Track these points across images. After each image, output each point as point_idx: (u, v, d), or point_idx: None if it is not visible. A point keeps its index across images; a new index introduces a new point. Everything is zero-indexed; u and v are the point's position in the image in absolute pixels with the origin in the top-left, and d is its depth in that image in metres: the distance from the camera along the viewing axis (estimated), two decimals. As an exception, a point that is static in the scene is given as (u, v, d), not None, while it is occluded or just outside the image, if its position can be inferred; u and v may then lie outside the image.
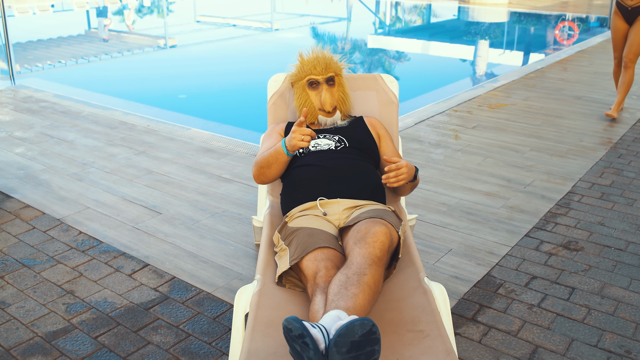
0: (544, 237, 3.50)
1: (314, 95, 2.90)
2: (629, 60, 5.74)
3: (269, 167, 2.62)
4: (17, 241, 3.42)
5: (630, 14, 5.65)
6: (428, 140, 5.14)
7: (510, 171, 4.48)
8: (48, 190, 4.09)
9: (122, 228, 3.58)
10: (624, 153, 4.88)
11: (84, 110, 6.02)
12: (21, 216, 3.73)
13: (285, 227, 2.49)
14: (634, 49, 5.68)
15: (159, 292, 2.94)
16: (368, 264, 2.01)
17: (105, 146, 4.95)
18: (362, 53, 11.40)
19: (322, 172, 2.62)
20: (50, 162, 4.59)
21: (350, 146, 2.77)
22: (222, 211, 3.80)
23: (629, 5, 5.62)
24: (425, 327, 2.02)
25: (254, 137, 5.24)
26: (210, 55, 11.27)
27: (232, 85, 8.68)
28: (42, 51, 11.08)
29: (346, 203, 2.52)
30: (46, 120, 5.67)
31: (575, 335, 2.64)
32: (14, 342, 2.57)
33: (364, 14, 17.72)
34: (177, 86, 8.40)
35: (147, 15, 17.45)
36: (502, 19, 15.51)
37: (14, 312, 2.78)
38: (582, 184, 4.26)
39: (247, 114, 6.94)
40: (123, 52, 11.27)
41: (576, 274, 3.13)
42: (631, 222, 3.70)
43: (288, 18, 16.89)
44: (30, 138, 5.15)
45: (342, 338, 1.56)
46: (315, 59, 2.92)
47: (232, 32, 14.47)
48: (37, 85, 7.25)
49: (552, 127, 5.53)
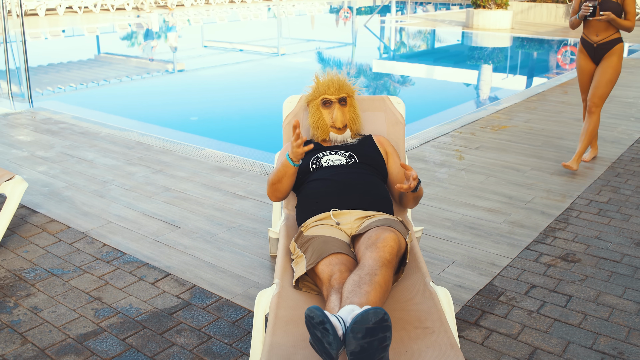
0: (543, 250, 3.69)
1: (326, 114, 3.13)
2: (593, 105, 5.05)
3: (280, 182, 2.84)
4: (45, 252, 3.62)
5: (597, 52, 5.02)
6: (433, 160, 5.35)
7: (511, 189, 4.68)
8: (72, 206, 4.31)
9: (143, 241, 3.78)
10: (621, 172, 5.08)
11: (101, 131, 6.27)
12: (47, 230, 3.94)
13: (301, 236, 2.70)
14: (599, 92, 5.01)
15: (180, 298, 3.14)
16: (379, 266, 2.21)
17: (123, 165, 5.18)
18: (367, 77, 11.66)
19: (335, 185, 2.84)
20: (72, 180, 4.81)
21: (360, 162, 2.99)
22: (237, 225, 4.00)
23: (595, 41, 4.99)
24: (431, 325, 2.21)
25: (265, 156, 5.46)
26: (218, 79, 11.55)
27: (241, 108, 8.93)
28: (56, 75, 11.39)
29: (357, 214, 2.73)
30: (66, 140, 5.91)
31: (572, 339, 2.82)
32: (48, 343, 2.76)
33: (369, 39, 18.04)
34: (187, 109, 8.66)
35: (155, 40, 17.81)
36: (505, 44, 15.80)
37: (46, 316, 2.97)
38: (580, 201, 4.45)
39: (257, 135, 7.17)
40: (132, 76, 11.56)
41: (573, 283, 3.31)
42: (626, 236, 3.89)
43: (294, 43, 17.21)
44: (51, 157, 5.38)
45: (357, 325, 1.76)
46: (330, 80, 3.16)
47: (239, 57, 14.78)
48: (54, 107, 7.51)
49: (552, 147, 5.74)
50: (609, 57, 4.98)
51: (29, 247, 3.70)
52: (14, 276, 3.35)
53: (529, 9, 19.88)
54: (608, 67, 4.97)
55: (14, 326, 2.88)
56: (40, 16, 21.70)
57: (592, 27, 4.98)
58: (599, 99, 5.01)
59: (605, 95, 5.02)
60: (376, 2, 31.22)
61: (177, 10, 25.19)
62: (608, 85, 4.99)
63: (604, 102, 5.18)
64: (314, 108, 3.20)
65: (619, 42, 4.97)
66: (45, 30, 18.45)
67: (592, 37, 4.99)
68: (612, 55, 4.97)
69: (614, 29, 4.92)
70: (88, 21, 21.06)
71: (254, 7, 27.74)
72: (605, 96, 5.03)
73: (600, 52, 5.00)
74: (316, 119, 3.16)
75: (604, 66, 4.98)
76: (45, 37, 17.48)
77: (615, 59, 4.97)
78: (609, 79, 4.98)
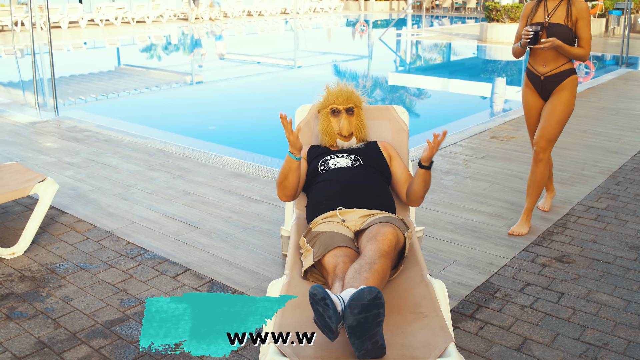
0: (540, 252, 3.91)
1: (334, 122, 3.39)
2: (540, 149, 4.15)
3: (286, 178, 3.12)
4: (74, 249, 3.91)
5: (544, 85, 4.15)
6: (440, 169, 5.59)
7: (514, 196, 4.90)
8: (97, 208, 4.59)
9: (164, 239, 4.05)
10: (622, 181, 5.28)
11: (124, 139, 6.58)
12: (75, 229, 4.22)
13: (309, 232, 2.95)
14: (547, 134, 4.11)
15: (199, 291, 3.39)
16: (377, 256, 2.46)
17: (145, 170, 5.47)
18: (382, 90, 11.92)
19: (341, 186, 3.09)
20: (97, 184, 5.11)
21: (364, 164, 3.24)
22: (252, 226, 4.27)
23: (542, 73, 4.12)
24: (425, 310, 2.45)
25: (279, 163, 5.73)
26: (236, 90, 11.86)
27: (257, 118, 9.23)
28: (78, 85, 11.77)
29: (361, 212, 2.98)
30: (91, 147, 6.23)
31: (561, 331, 3.04)
32: (78, 327, 3.03)
33: (384, 52, 18.32)
34: (206, 119, 8.97)
35: (173, 52, 18.22)
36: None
37: (77, 304, 3.25)
38: (579, 207, 4.67)
39: (272, 143, 7.45)
40: (151, 88, 11.91)
41: (566, 282, 3.53)
42: (621, 240, 4.10)
43: (311, 56, 17.53)
44: (77, 163, 5.69)
45: (354, 301, 2.01)
46: (339, 91, 3.42)
47: (256, 69, 15.12)
48: (78, 116, 7.85)
49: (556, 157, 5.95)
50: (559, 92, 4.11)
51: (59, 244, 3.98)
52: (46, 269, 3.63)
53: (543, 22, 20.05)
54: (558, 104, 4.10)
55: (48, 313, 3.15)
56: (63, 29, 22.25)
57: (538, 56, 4.13)
58: (547, 143, 4.13)
59: (554, 137, 4.13)
60: (392, 15, 31.54)
61: (196, 24, 25.67)
62: (558, 126, 4.12)
63: (553, 146, 4.34)
64: (323, 116, 3.46)
65: (571, 74, 4.11)
66: (68, 42, 18.93)
67: (539, 68, 4.13)
68: (563, 89, 4.10)
69: (565, 59, 4.07)
70: (109, 33, 21.56)
71: (271, 20, 28.16)
72: (554, 139, 4.14)
73: (548, 85, 4.14)
74: (325, 126, 3.43)
75: (554, 103, 4.11)
76: (67, 49, 17.94)
77: (567, 94, 4.10)
78: (559, 118, 4.11)
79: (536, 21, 4.08)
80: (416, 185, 3.15)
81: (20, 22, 21.19)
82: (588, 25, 4.01)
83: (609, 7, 19.47)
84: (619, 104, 8.63)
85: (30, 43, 8.39)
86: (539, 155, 4.16)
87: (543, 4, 4.11)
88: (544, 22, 4.05)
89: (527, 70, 4.25)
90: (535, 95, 4.25)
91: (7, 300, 3.28)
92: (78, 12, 23.26)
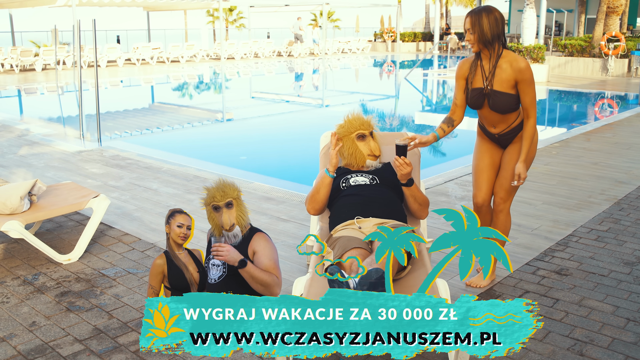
0: (541, 265, 4.30)
1: (362, 145, 3.83)
2: (500, 200, 3.94)
3: (318, 192, 3.58)
4: (122, 257, 4.40)
5: (500, 141, 3.91)
6: (454, 195, 6.01)
7: (521, 219, 5.30)
8: (141, 224, 5.10)
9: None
10: (625, 207, 5.65)
11: (163, 166, 7.13)
12: (122, 241, 4.72)
13: (330, 237, 3.40)
14: (507, 183, 3.88)
15: (233, 292, 3.84)
16: (387, 252, 2.90)
17: (183, 194, 5.99)
18: (408, 128, 12.38)
19: (360, 199, 3.55)
20: (140, 204, 5.63)
21: (380, 183, 3.70)
22: (281, 242, 4.72)
23: (494, 133, 3.86)
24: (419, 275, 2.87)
25: (305, 189, 6.20)
26: (264, 127, 12.42)
27: (285, 149, 9.76)
28: (117, 121, 12.46)
29: (376, 221, 3.43)
30: (133, 173, 6.78)
31: (552, 329, 3.43)
32: (129, 318, 3.50)
33: (410, 92, 18.82)
34: (238, 150, 9.52)
35: (204, 91, 18.96)
36: (541, 96, 16.41)
37: (127, 301, 3.72)
38: (582, 229, 5.05)
39: (299, 171, 7.95)
40: (183, 125, 12.53)
41: (562, 290, 3.92)
42: (618, 257, 4.47)
43: (338, 95, 18.08)
44: (121, 186, 6.23)
45: (363, 280, 2.45)
46: (359, 118, 3.89)
47: (285, 107, 15.72)
48: (120, 146, 8.45)
49: (565, 186, 6.34)
50: (517, 142, 3.86)
51: (109, 253, 4.48)
52: (99, 273, 4.12)
53: (565, 63, 20.53)
54: (516, 153, 3.85)
55: (102, 307, 3.63)
56: (102, 67, 23.25)
57: (485, 118, 3.88)
58: (507, 193, 3.93)
59: (514, 187, 3.90)
60: (419, 56, 32.20)
61: (227, 63, 26.56)
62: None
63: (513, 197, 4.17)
64: (348, 142, 3.88)
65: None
66: (106, 80, 19.83)
67: (490, 129, 3.90)
68: (521, 139, 3.83)
69: (514, 117, 3.77)
70: (144, 72, 22.48)
71: (300, 61, 28.97)
72: (514, 189, 3.93)
73: (504, 141, 3.90)
74: (352, 151, 3.85)
75: (511, 152, 3.88)
76: (105, 86, 18.81)
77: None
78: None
79: (475, 86, 3.75)
80: (408, 200, 3.68)
81: (63, 61, 22.25)
82: (530, 87, 3.64)
83: (631, 47, 19.83)
84: (633, 139, 8.98)
85: (77, 80, 9.06)
86: (499, 206, 3.96)
87: (479, 64, 3.75)
88: (483, 87, 3.72)
89: (480, 126, 3.98)
90: (492, 144, 3.97)
91: (67, 297, 3.77)
92: (116, 51, 24.31)
